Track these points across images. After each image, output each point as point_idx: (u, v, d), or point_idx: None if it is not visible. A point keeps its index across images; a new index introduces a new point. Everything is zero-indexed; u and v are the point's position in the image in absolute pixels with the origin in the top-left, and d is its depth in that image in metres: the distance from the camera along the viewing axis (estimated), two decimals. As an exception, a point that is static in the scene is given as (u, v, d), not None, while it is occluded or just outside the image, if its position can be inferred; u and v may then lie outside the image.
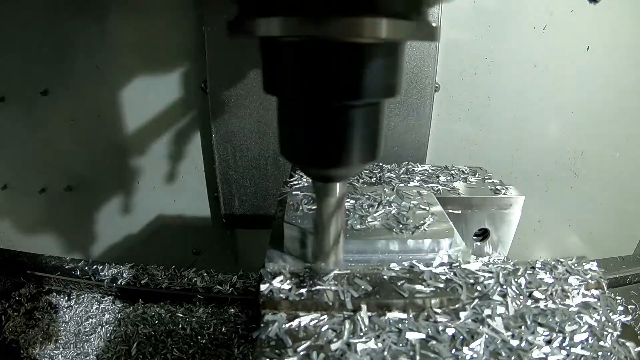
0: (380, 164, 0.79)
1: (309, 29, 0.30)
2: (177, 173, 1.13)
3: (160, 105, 1.04)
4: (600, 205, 1.18)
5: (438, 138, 1.06)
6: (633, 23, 0.97)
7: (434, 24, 0.34)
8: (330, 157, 0.37)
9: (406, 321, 0.40)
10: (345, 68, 0.33)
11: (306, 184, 0.66)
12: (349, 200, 0.57)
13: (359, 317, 0.39)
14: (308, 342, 0.37)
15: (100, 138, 1.10)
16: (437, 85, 1.00)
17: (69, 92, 1.06)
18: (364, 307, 0.40)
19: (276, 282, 0.43)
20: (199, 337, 0.77)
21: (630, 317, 0.45)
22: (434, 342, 0.37)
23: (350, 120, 0.35)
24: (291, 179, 0.69)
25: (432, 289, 0.43)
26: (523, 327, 0.40)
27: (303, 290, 0.42)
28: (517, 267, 0.48)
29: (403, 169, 0.77)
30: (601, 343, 0.40)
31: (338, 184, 0.40)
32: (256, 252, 0.49)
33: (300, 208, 0.55)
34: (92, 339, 0.77)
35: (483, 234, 0.69)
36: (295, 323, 0.39)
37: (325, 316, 0.40)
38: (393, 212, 0.54)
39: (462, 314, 0.40)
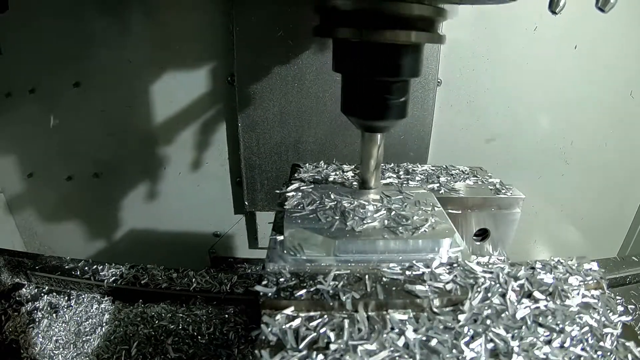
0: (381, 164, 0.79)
1: (368, 36, 0.49)
2: (202, 160, 1.21)
3: (188, 96, 1.13)
4: (590, 191, 1.27)
5: (440, 128, 1.15)
6: (615, 24, 1.05)
7: (441, 33, 0.54)
8: (376, 113, 0.54)
9: (406, 321, 0.40)
10: (389, 58, 0.51)
11: (305, 186, 0.66)
12: (349, 201, 0.57)
13: (359, 317, 0.39)
14: (308, 343, 0.37)
15: (129, 127, 1.18)
16: (439, 80, 1.09)
17: (100, 85, 1.13)
18: (361, 307, 0.40)
19: (276, 282, 0.43)
20: (199, 337, 0.77)
21: (630, 317, 0.45)
22: (434, 342, 0.37)
23: (390, 91, 0.53)
24: (291, 180, 0.69)
25: (432, 289, 0.43)
26: (523, 327, 0.40)
27: (303, 291, 0.42)
28: (517, 267, 0.48)
29: (403, 169, 0.77)
30: (601, 343, 0.40)
31: (379, 134, 0.57)
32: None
33: (300, 209, 0.55)
34: (92, 339, 0.77)
35: (483, 234, 0.69)
36: (295, 323, 0.39)
37: (325, 316, 0.40)
38: (393, 212, 0.54)
39: (462, 314, 0.40)
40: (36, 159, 1.26)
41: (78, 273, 0.88)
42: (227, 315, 0.81)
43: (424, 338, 0.38)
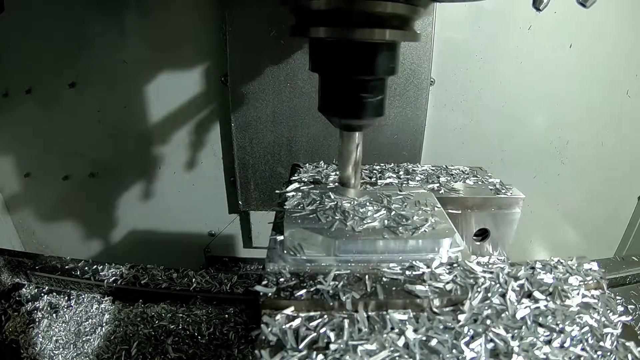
0: (381, 164, 0.79)
1: (343, 34, 0.49)
2: (196, 160, 1.22)
3: (183, 96, 1.13)
4: (586, 191, 1.26)
5: (433, 128, 1.15)
6: (610, 23, 1.05)
7: (417, 32, 0.54)
8: (353, 112, 0.54)
9: (406, 321, 0.40)
10: (365, 56, 0.51)
11: (305, 186, 0.66)
12: (348, 201, 0.57)
13: (359, 317, 0.39)
14: (308, 343, 0.37)
15: (125, 127, 1.19)
16: (432, 79, 1.08)
17: (96, 85, 1.14)
18: (361, 307, 0.40)
19: (276, 282, 0.43)
20: (199, 337, 0.77)
21: (630, 317, 0.45)
22: (434, 342, 0.37)
23: (366, 89, 0.53)
24: (291, 180, 0.69)
25: (432, 289, 0.43)
26: (523, 327, 0.40)
27: (303, 291, 0.42)
28: (517, 267, 0.48)
29: (403, 169, 0.77)
30: (601, 343, 0.40)
31: (357, 133, 0.56)
32: (269, 232, 0.54)
33: (300, 209, 0.55)
34: (92, 339, 0.77)
35: (483, 234, 0.69)
36: (295, 323, 0.39)
37: (325, 316, 0.40)
38: (393, 212, 0.54)
39: (462, 314, 0.40)
40: (33, 158, 1.26)
41: (78, 273, 0.88)
42: (227, 315, 0.81)
43: (424, 338, 0.38)
